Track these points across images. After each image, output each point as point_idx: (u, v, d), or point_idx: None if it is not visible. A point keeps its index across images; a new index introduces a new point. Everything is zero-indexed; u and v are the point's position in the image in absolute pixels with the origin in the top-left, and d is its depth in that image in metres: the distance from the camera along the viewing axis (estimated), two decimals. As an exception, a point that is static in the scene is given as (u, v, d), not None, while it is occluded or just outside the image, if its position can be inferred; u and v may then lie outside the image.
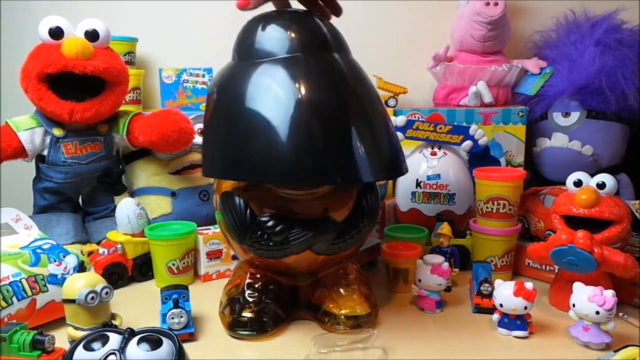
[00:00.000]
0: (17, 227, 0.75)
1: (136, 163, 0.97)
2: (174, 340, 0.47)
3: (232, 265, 0.84)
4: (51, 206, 0.92)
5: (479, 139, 0.95)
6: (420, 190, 0.97)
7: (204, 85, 1.19)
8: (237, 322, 0.65)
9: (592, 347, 0.62)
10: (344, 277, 0.69)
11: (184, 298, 0.65)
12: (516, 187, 0.83)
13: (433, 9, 1.29)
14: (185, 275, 0.82)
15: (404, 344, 0.63)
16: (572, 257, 0.66)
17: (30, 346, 0.55)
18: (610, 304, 0.60)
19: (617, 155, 1.08)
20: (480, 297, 0.71)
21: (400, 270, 0.79)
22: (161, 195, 0.94)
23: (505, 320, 0.65)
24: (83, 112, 0.86)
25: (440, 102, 1.21)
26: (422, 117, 1.10)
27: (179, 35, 1.29)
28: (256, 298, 0.66)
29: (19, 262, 0.67)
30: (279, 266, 0.66)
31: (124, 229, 0.83)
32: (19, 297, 0.64)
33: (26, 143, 0.87)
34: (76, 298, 0.60)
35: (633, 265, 0.66)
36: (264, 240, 0.60)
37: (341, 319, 0.65)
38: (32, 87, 0.85)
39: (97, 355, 0.44)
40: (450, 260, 0.81)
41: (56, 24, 0.85)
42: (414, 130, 0.97)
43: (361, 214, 0.63)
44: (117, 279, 0.81)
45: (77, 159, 0.90)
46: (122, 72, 0.90)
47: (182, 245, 0.81)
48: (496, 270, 0.81)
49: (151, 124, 0.90)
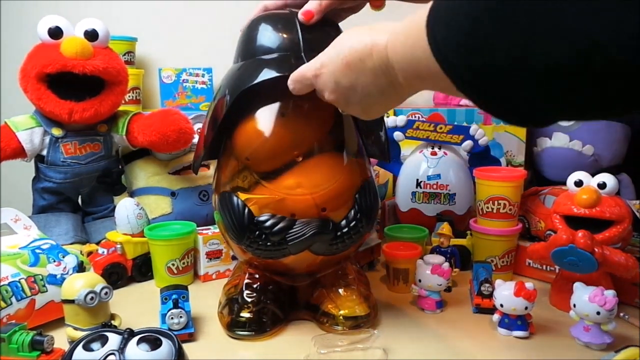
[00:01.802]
0: (17, 227, 0.75)
1: (136, 163, 0.97)
2: (174, 340, 0.47)
3: (231, 265, 0.84)
4: (50, 206, 0.92)
5: (479, 139, 0.95)
6: (420, 190, 0.97)
7: (204, 85, 1.19)
8: (235, 323, 0.65)
9: (592, 348, 0.62)
10: (343, 278, 0.69)
11: (183, 298, 0.65)
12: (516, 187, 0.82)
13: (433, 9, 1.28)
14: (184, 275, 0.82)
15: (404, 344, 0.63)
16: (573, 257, 0.66)
17: (29, 346, 0.55)
18: (611, 304, 0.59)
19: (618, 155, 1.08)
20: (480, 297, 0.71)
21: (400, 270, 0.78)
22: (161, 195, 0.94)
23: (506, 321, 0.65)
24: (82, 112, 0.86)
25: (440, 101, 1.21)
26: (423, 117, 1.10)
27: (179, 35, 1.29)
28: (255, 298, 0.66)
29: (18, 262, 0.66)
30: (278, 266, 0.66)
31: (123, 229, 0.83)
32: (18, 298, 0.64)
33: (25, 143, 0.87)
34: (75, 298, 0.60)
35: (634, 266, 0.66)
36: (262, 240, 0.60)
37: (340, 319, 0.65)
38: (32, 86, 0.85)
39: (96, 355, 0.44)
40: (451, 260, 0.80)
41: (55, 24, 0.85)
42: (414, 130, 0.97)
43: (360, 214, 0.63)
44: (116, 279, 0.81)
45: (77, 159, 0.90)
46: (122, 72, 0.90)
47: (182, 246, 0.81)
48: (496, 271, 0.81)
49: (151, 123, 0.90)
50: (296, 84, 0.54)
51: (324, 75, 0.50)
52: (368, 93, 0.48)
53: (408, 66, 0.41)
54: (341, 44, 0.48)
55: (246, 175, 0.62)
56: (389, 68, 0.43)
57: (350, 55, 0.46)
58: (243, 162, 0.62)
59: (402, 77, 0.43)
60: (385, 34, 0.44)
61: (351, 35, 0.48)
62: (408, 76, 0.42)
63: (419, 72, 0.40)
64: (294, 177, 0.60)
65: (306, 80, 0.53)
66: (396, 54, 0.42)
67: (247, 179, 0.62)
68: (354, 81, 0.48)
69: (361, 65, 0.46)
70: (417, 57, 0.38)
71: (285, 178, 0.60)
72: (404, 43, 0.41)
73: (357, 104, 0.50)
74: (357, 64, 0.46)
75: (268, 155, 0.61)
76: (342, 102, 0.51)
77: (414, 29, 0.38)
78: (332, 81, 0.49)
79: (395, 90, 0.46)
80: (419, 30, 0.37)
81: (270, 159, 0.61)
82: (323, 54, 0.51)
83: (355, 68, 0.46)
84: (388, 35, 0.43)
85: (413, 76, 0.42)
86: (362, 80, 0.47)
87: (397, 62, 0.42)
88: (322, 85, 0.51)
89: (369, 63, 0.45)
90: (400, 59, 0.42)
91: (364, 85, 0.47)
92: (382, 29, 0.45)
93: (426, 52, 0.36)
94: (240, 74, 0.60)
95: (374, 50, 0.44)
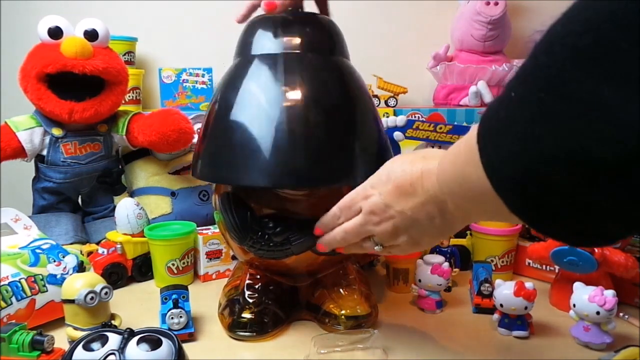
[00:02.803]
0: (17, 227, 0.75)
1: (136, 163, 0.97)
2: (174, 340, 0.47)
3: (231, 265, 0.84)
4: (50, 206, 0.92)
5: (479, 139, 0.95)
6: (420, 190, 0.96)
7: (204, 85, 1.19)
8: (237, 323, 0.65)
9: (592, 348, 0.61)
10: (344, 277, 0.69)
11: (183, 298, 0.65)
12: (516, 187, 0.82)
13: (433, 9, 1.29)
14: (184, 275, 0.82)
15: (404, 344, 0.63)
16: (573, 257, 0.66)
17: (29, 346, 0.55)
18: (610, 304, 0.59)
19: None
20: (480, 297, 0.71)
21: (400, 270, 0.78)
22: (161, 195, 0.94)
23: (506, 321, 0.65)
24: (82, 111, 0.86)
25: (440, 102, 1.21)
26: (422, 117, 1.10)
27: (179, 35, 1.29)
28: (256, 299, 0.66)
29: (18, 262, 0.66)
30: (279, 267, 0.65)
31: (123, 229, 0.83)
32: (18, 298, 0.64)
33: (25, 143, 0.87)
34: (75, 298, 0.60)
35: (633, 265, 0.66)
36: (264, 240, 0.60)
37: (342, 319, 0.65)
38: (32, 86, 0.85)
39: (96, 355, 0.44)
40: (451, 260, 0.80)
41: (55, 24, 0.85)
42: (414, 130, 0.97)
43: None
44: (116, 279, 0.81)
45: (77, 159, 0.90)
46: (122, 72, 0.90)
47: (182, 245, 0.81)
48: (496, 270, 0.81)
49: (151, 123, 0.90)
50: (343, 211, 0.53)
51: (374, 197, 0.49)
52: (417, 219, 0.46)
53: (457, 186, 0.39)
54: (392, 168, 0.47)
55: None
56: (437, 194, 0.43)
57: (402, 178, 0.46)
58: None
59: (450, 201, 0.42)
60: (436, 159, 0.43)
61: (403, 160, 0.47)
62: (456, 199, 0.41)
63: (469, 192, 0.38)
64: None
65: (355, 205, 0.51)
66: (445, 175, 0.41)
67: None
68: (404, 205, 0.46)
69: (411, 190, 0.45)
70: (466, 175, 0.37)
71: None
72: (453, 162, 0.39)
73: (405, 232, 0.48)
74: (407, 189, 0.45)
75: None
76: (390, 230, 0.49)
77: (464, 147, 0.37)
78: (382, 203, 0.48)
79: (445, 218, 0.45)
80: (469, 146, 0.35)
81: None
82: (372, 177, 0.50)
83: (405, 192, 0.45)
84: (439, 160, 0.42)
85: (462, 198, 0.40)
86: (411, 205, 0.46)
87: (446, 184, 0.41)
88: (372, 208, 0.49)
89: (419, 188, 0.44)
90: (449, 180, 0.41)
91: (413, 211, 0.46)
92: (433, 156, 0.44)
93: (477, 166, 0.34)
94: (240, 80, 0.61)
95: (424, 175, 0.44)
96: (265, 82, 0.58)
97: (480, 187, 0.35)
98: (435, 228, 0.46)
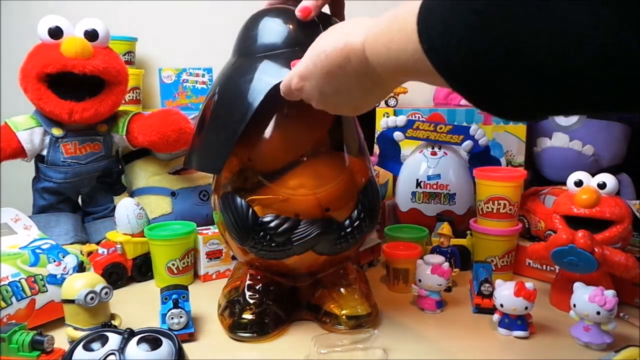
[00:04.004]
0: (17, 227, 0.75)
1: (136, 163, 0.97)
2: (174, 340, 0.47)
3: (231, 265, 0.84)
4: (50, 206, 0.92)
5: (479, 139, 0.95)
6: (420, 190, 0.97)
7: (204, 85, 1.19)
8: (237, 324, 0.65)
9: (592, 348, 0.62)
10: (345, 277, 0.69)
11: (183, 298, 0.65)
12: (516, 187, 0.82)
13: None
14: (185, 275, 0.82)
15: (404, 344, 0.63)
16: (573, 257, 0.66)
17: (29, 346, 0.55)
18: (611, 304, 0.59)
19: (618, 155, 1.08)
20: (480, 297, 0.71)
21: (400, 270, 0.78)
22: (161, 195, 0.94)
23: (506, 321, 0.65)
24: (82, 112, 0.86)
25: (440, 101, 1.21)
26: (423, 117, 1.10)
27: (179, 35, 1.29)
28: (257, 300, 0.66)
29: (18, 262, 0.66)
30: (279, 267, 0.65)
31: (123, 229, 0.83)
32: (18, 298, 0.63)
33: (25, 143, 0.87)
34: (75, 298, 0.60)
35: (634, 265, 0.66)
36: (266, 241, 0.60)
37: (342, 319, 0.65)
38: (32, 86, 0.85)
39: (96, 355, 0.44)
40: (451, 260, 0.80)
41: (55, 24, 0.85)
42: (415, 130, 0.97)
43: (363, 214, 0.63)
44: (116, 279, 0.81)
45: (77, 159, 0.90)
46: (122, 72, 0.90)
47: (182, 245, 0.81)
48: (497, 271, 0.81)
49: (151, 123, 0.90)
50: (286, 95, 0.54)
51: (307, 87, 0.50)
52: (354, 95, 0.48)
53: (393, 68, 0.40)
54: (317, 52, 0.47)
55: (248, 175, 0.62)
56: (370, 70, 0.43)
57: (328, 63, 0.46)
58: (244, 163, 0.62)
59: (386, 75, 0.43)
60: (360, 35, 0.43)
61: (326, 39, 0.47)
62: (391, 74, 0.42)
63: (406, 70, 0.39)
64: (297, 177, 0.60)
65: (292, 93, 0.53)
66: (378, 56, 0.41)
67: (249, 179, 0.62)
68: (337, 87, 0.47)
69: (341, 71, 0.45)
70: (403, 59, 0.38)
71: (288, 178, 0.60)
72: (387, 45, 0.39)
73: (345, 105, 0.50)
74: (337, 72, 0.46)
75: (270, 155, 0.61)
76: (331, 108, 0.51)
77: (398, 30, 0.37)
78: (317, 92, 0.49)
79: (381, 86, 0.46)
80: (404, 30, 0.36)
81: (273, 159, 0.61)
82: (301, 65, 0.50)
83: (336, 75, 0.46)
84: (364, 36, 0.42)
85: (399, 74, 0.41)
86: (345, 85, 0.47)
87: (380, 64, 0.41)
88: (308, 97, 0.51)
89: (349, 68, 0.45)
90: (383, 62, 0.41)
91: (348, 89, 0.47)
92: (354, 29, 0.44)
93: (417, 52, 0.35)
94: (242, 77, 0.60)
95: (350, 54, 0.44)
96: (272, 79, 0.56)
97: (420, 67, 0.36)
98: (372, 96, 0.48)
